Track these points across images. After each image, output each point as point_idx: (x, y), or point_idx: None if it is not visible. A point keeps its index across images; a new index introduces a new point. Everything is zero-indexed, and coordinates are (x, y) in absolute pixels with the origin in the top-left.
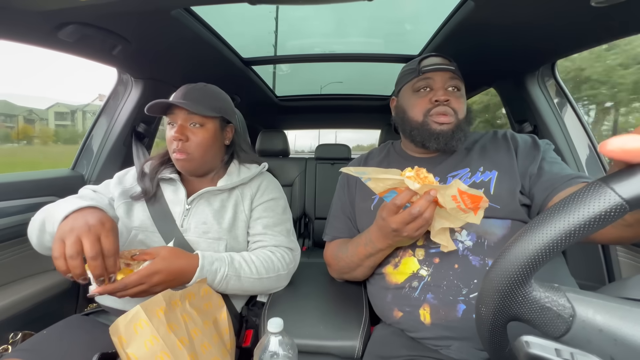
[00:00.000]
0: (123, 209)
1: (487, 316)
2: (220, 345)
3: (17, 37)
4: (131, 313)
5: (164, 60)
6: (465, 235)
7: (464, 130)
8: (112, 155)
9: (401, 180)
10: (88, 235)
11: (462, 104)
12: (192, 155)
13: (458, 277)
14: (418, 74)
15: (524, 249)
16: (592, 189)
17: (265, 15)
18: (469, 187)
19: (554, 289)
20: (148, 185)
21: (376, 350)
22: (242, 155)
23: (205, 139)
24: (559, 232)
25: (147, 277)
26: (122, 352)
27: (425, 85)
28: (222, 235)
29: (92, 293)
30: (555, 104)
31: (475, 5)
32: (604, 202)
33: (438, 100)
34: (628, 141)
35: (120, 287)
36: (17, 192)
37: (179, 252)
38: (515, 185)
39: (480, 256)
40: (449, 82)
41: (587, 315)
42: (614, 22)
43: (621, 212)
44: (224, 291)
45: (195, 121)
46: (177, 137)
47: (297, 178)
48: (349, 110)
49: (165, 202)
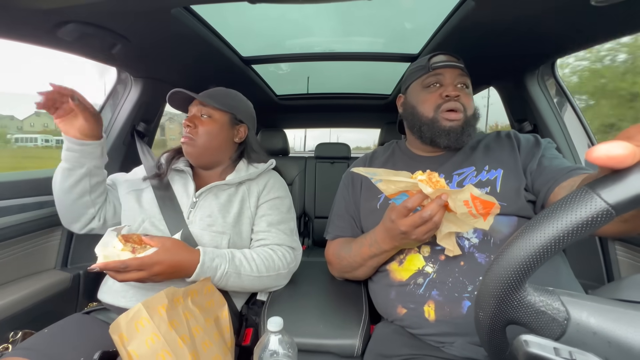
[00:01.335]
0: (134, 197)
1: (485, 321)
2: (221, 343)
3: (15, 35)
4: (133, 311)
5: (164, 59)
6: (471, 233)
7: (472, 127)
8: (112, 155)
9: (413, 183)
10: None
11: (470, 101)
12: (196, 141)
13: (464, 274)
14: (428, 70)
15: (516, 255)
16: (579, 195)
17: (265, 14)
18: (482, 193)
19: (549, 292)
20: (163, 170)
21: (377, 348)
22: (252, 156)
23: (211, 128)
24: (548, 238)
25: (149, 265)
26: (122, 350)
27: (436, 81)
28: (226, 230)
29: (93, 267)
30: (555, 103)
31: (476, 4)
32: (591, 208)
33: (449, 95)
34: (612, 148)
35: (121, 266)
36: (16, 192)
37: (182, 246)
38: (520, 182)
39: (486, 253)
40: (458, 79)
41: (581, 318)
42: (614, 22)
43: (607, 217)
44: (223, 288)
45: (204, 112)
46: (186, 124)
47: (297, 177)
48: (349, 109)
49: (174, 192)
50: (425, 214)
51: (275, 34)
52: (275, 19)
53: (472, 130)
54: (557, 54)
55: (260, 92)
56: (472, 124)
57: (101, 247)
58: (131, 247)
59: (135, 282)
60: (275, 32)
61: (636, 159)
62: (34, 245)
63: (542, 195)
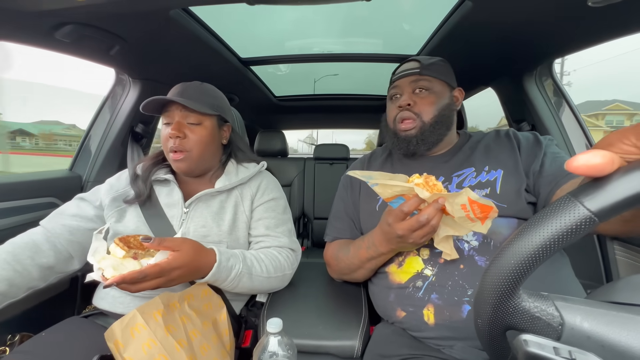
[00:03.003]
0: (116, 217)
1: (484, 327)
2: (220, 346)
3: (13, 37)
4: (127, 317)
5: (162, 61)
6: (471, 236)
7: (433, 132)
8: (110, 156)
9: (410, 187)
10: None
11: (427, 104)
12: (190, 153)
13: (463, 278)
14: (391, 83)
15: (507, 263)
16: (562, 203)
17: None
18: (480, 197)
19: (543, 298)
20: (141, 188)
21: (377, 349)
22: (239, 155)
23: (203, 136)
24: (535, 246)
25: (168, 271)
26: (119, 357)
27: (396, 92)
28: (222, 238)
29: (110, 283)
30: (553, 103)
31: (473, 5)
32: (574, 216)
33: (400, 105)
34: (591, 158)
35: (139, 276)
36: (15, 193)
37: (199, 248)
38: (520, 183)
39: (486, 256)
40: (413, 85)
41: (575, 323)
42: (611, 22)
43: (590, 224)
44: (233, 289)
45: (192, 120)
46: (174, 134)
47: (295, 178)
48: (348, 110)
49: (161, 206)
50: (422, 218)
51: (274, 35)
52: (273, 20)
53: (435, 136)
54: (554, 54)
55: (258, 93)
56: (433, 129)
57: (95, 256)
58: (133, 253)
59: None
60: (273, 33)
61: (615, 167)
62: None
63: (543, 197)
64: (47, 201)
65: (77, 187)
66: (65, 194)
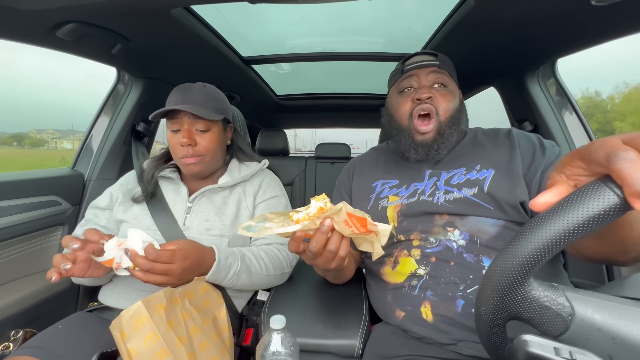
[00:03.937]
0: (123, 208)
1: (486, 315)
2: (220, 344)
3: (15, 36)
4: (133, 308)
5: (164, 59)
6: (458, 235)
7: (447, 136)
8: (113, 154)
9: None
10: None
11: (446, 102)
12: (204, 158)
13: (455, 274)
14: (402, 74)
15: (524, 248)
16: (590, 188)
17: (265, 14)
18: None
19: (553, 287)
20: (148, 185)
21: (376, 349)
22: (240, 156)
23: (214, 142)
24: (558, 231)
25: (179, 258)
26: (122, 346)
27: (409, 84)
28: (225, 232)
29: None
30: (556, 103)
31: (476, 4)
32: (605, 201)
33: (420, 98)
34: (550, 198)
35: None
36: (17, 191)
37: (196, 243)
38: (512, 185)
39: (474, 253)
40: (432, 77)
41: (586, 314)
42: (615, 21)
43: (622, 209)
44: (232, 286)
45: (200, 127)
46: (187, 143)
47: (297, 177)
48: (349, 109)
49: (166, 201)
50: (311, 247)
51: (275, 34)
52: (275, 19)
53: (445, 140)
54: (557, 54)
55: (260, 92)
56: (448, 132)
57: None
58: None
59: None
60: (275, 32)
61: None
62: (34, 245)
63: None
64: (49, 199)
65: (79, 185)
66: (68, 192)
